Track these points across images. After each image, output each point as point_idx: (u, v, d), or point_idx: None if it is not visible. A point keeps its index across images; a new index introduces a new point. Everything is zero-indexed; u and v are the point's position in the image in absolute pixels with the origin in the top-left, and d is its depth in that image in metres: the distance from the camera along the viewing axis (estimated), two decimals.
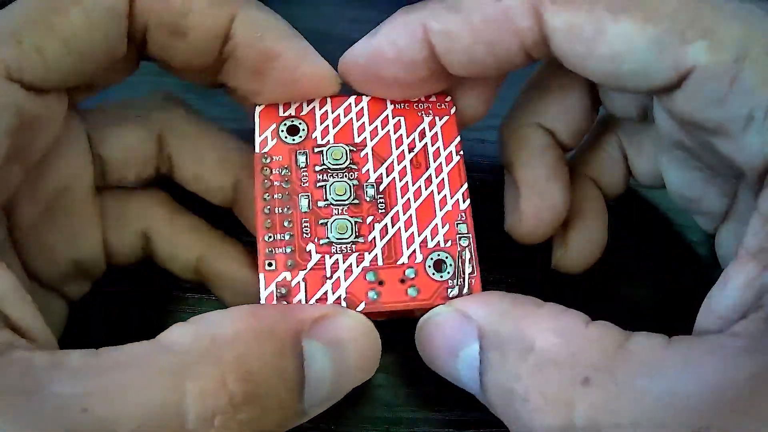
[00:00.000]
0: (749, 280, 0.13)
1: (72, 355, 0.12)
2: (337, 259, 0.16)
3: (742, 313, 0.13)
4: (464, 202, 0.17)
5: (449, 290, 0.16)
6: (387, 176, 0.17)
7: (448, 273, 0.16)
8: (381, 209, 0.17)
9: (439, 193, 0.17)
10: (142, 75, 0.18)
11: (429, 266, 0.16)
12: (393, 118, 0.18)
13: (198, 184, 0.19)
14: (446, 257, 0.16)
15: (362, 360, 0.15)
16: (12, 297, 0.13)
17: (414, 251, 0.16)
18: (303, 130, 0.17)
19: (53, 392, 0.12)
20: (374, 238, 0.16)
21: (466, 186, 0.17)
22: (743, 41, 0.13)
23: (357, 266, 0.16)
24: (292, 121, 0.17)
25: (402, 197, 0.17)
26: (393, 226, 0.17)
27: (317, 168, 0.17)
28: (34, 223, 0.17)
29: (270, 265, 0.16)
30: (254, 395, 0.13)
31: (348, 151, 0.17)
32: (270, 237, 0.16)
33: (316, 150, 0.17)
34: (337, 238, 0.16)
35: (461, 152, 0.17)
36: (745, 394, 0.12)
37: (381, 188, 0.17)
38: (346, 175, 0.17)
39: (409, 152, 0.17)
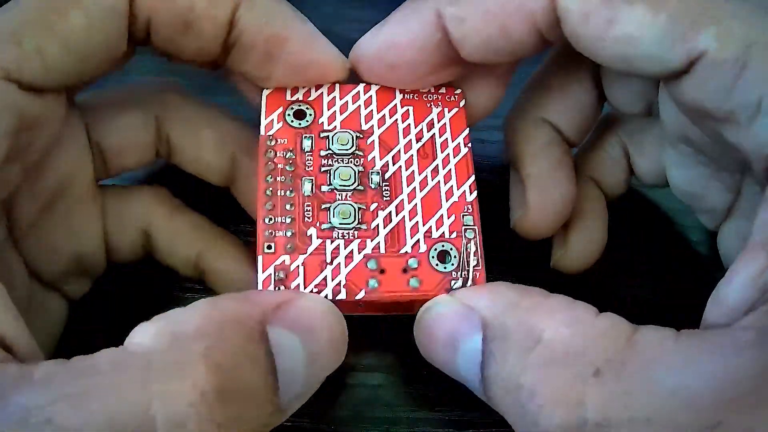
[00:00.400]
0: (757, 272, 0.13)
1: (41, 365, 0.12)
2: (339, 245, 0.16)
3: (750, 305, 0.13)
4: (471, 194, 0.17)
5: (452, 282, 0.16)
6: (393, 165, 0.17)
7: (452, 265, 0.16)
8: (386, 197, 0.16)
9: (445, 184, 0.17)
10: (143, 75, 0.18)
11: (433, 257, 0.16)
12: (401, 108, 0.17)
13: (197, 163, 0.19)
14: (451, 249, 0.16)
15: (330, 344, 0.14)
16: None
17: (418, 241, 0.16)
18: (310, 115, 0.17)
19: (16, 404, 0.11)
20: (377, 225, 0.16)
21: (473, 178, 0.17)
22: (749, 34, 0.14)
23: (358, 253, 0.16)
24: (299, 106, 0.17)
25: (408, 186, 0.17)
26: (397, 215, 0.16)
27: (322, 153, 0.17)
28: (35, 220, 0.17)
29: (269, 248, 0.15)
30: (228, 390, 0.12)
31: (354, 138, 0.17)
32: (270, 219, 0.16)
33: (322, 135, 0.17)
34: (340, 224, 0.16)
35: (469, 145, 0.17)
36: (754, 389, 0.12)
37: (386, 176, 0.17)
38: (351, 161, 0.17)
39: (417, 142, 0.17)
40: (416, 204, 0.16)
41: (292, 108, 0.17)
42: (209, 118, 0.19)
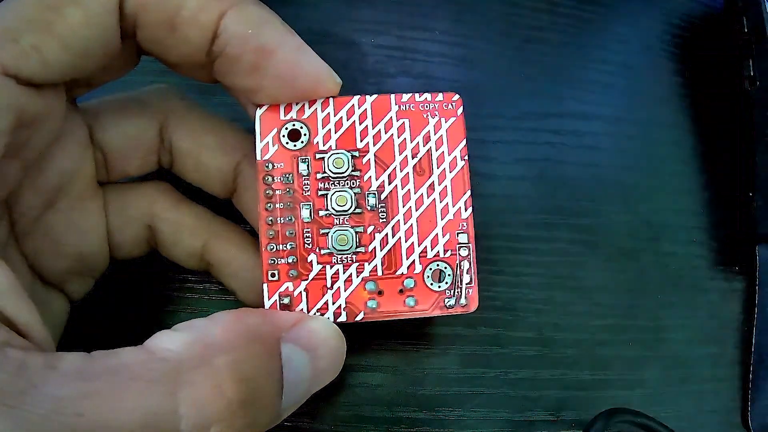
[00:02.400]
0: None
1: (67, 357, 0.12)
2: (338, 270, 0.17)
3: None
4: (466, 210, 0.17)
5: (446, 300, 0.17)
6: (389, 184, 0.17)
7: (446, 283, 0.17)
8: (382, 218, 0.17)
9: (441, 201, 0.17)
10: (144, 75, 0.18)
11: (428, 276, 0.17)
12: (397, 121, 0.17)
13: (198, 172, 0.19)
14: (445, 267, 0.17)
15: (331, 362, 0.16)
16: (9, 293, 0.13)
17: (413, 262, 0.17)
18: (305, 134, 0.17)
19: (47, 394, 0.12)
20: (375, 248, 0.17)
21: (469, 193, 0.17)
22: None
23: (357, 276, 0.17)
24: (294, 125, 0.17)
25: (404, 206, 0.17)
26: (393, 236, 0.17)
27: (319, 175, 0.17)
28: (37, 218, 0.17)
29: (273, 275, 0.16)
30: (248, 400, 0.13)
31: (350, 158, 0.17)
32: (272, 247, 0.17)
33: (318, 156, 0.17)
34: (338, 249, 0.17)
35: (466, 157, 0.17)
36: None
37: (383, 197, 0.17)
38: (348, 183, 0.17)
39: (413, 158, 0.17)
40: (412, 224, 0.17)
41: (287, 128, 0.17)
42: (212, 125, 0.19)
